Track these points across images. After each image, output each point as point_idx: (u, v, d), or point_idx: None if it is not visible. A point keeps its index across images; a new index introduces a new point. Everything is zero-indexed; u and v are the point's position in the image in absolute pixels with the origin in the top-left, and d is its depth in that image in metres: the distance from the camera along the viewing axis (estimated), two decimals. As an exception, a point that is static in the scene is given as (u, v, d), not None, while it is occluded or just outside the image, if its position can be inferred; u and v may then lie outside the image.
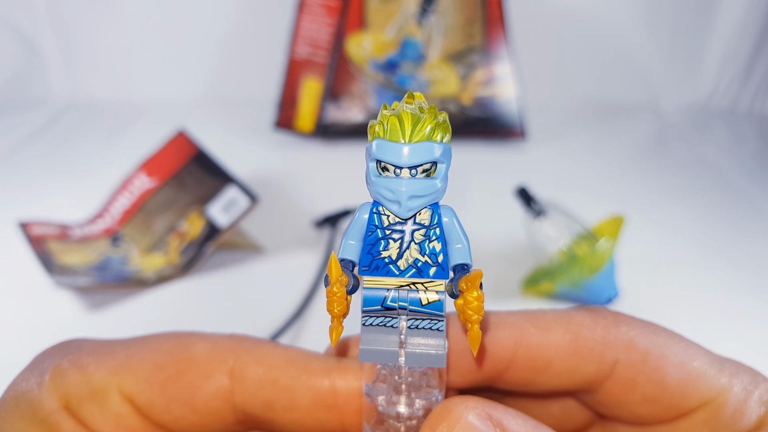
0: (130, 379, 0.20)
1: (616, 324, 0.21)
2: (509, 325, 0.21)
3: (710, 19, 1.04)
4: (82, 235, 0.60)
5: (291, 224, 0.65)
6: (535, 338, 0.21)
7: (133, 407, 0.20)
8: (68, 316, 0.50)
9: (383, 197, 0.17)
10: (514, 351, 0.21)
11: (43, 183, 0.75)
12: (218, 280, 0.56)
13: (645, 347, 0.20)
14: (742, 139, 0.97)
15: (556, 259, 0.53)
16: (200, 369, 0.21)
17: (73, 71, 1.02)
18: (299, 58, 0.86)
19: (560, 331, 0.21)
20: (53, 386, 0.20)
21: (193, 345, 0.21)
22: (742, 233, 0.67)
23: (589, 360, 0.20)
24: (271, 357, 0.21)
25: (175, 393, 0.20)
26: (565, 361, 0.21)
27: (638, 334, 0.21)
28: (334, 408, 0.21)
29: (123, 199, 0.63)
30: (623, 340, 0.21)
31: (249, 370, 0.21)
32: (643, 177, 0.82)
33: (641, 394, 0.20)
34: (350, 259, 0.17)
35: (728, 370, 0.20)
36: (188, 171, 0.61)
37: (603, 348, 0.20)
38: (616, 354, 0.20)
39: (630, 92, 1.08)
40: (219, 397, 0.21)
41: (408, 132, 0.16)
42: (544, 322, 0.21)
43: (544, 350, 0.21)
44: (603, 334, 0.21)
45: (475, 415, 0.18)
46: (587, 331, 0.21)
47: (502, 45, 0.87)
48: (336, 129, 0.86)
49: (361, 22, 0.85)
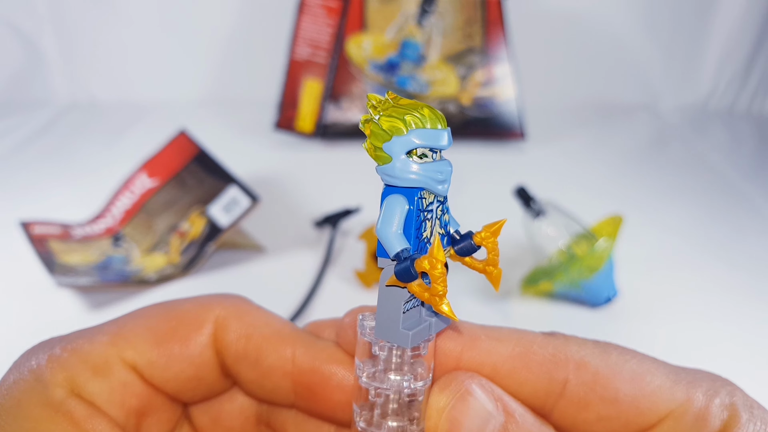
0: (128, 346, 0.21)
1: (567, 344, 0.21)
2: (460, 330, 0.21)
3: (709, 20, 1.04)
4: (83, 235, 0.60)
5: (291, 224, 0.65)
6: (484, 344, 0.21)
7: (137, 373, 0.21)
8: (69, 315, 0.50)
9: (433, 179, 0.18)
10: (461, 353, 0.21)
11: (44, 183, 0.75)
12: (219, 280, 0.56)
13: (595, 366, 0.20)
14: (740, 139, 0.97)
15: (555, 258, 0.53)
16: (190, 322, 0.22)
17: (74, 72, 1.03)
18: (300, 58, 0.86)
19: (511, 344, 0.21)
20: (54, 375, 0.20)
21: (181, 305, 0.23)
22: (740, 233, 0.67)
23: (538, 376, 0.20)
24: (251, 315, 0.23)
25: (172, 348, 0.21)
26: (514, 373, 0.21)
27: (588, 354, 0.21)
28: (290, 376, 0.22)
29: (124, 199, 0.63)
30: (574, 358, 0.21)
31: (230, 321, 0.22)
32: (642, 177, 0.82)
33: (595, 413, 0.20)
34: (408, 247, 0.18)
35: (685, 380, 0.20)
36: (189, 171, 0.62)
37: (552, 365, 0.20)
38: (566, 373, 0.20)
39: (629, 93, 1.09)
40: (209, 345, 0.22)
41: (443, 120, 0.18)
42: (497, 333, 0.21)
43: (491, 357, 0.21)
44: (553, 352, 0.21)
45: (478, 385, 0.18)
46: (537, 347, 0.21)
47: (502, 46, 0.87)
48: (336, 129, 0.86)
49: (361, 23, 0.85)
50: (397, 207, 0.18)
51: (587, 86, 1.08)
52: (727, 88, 1.08)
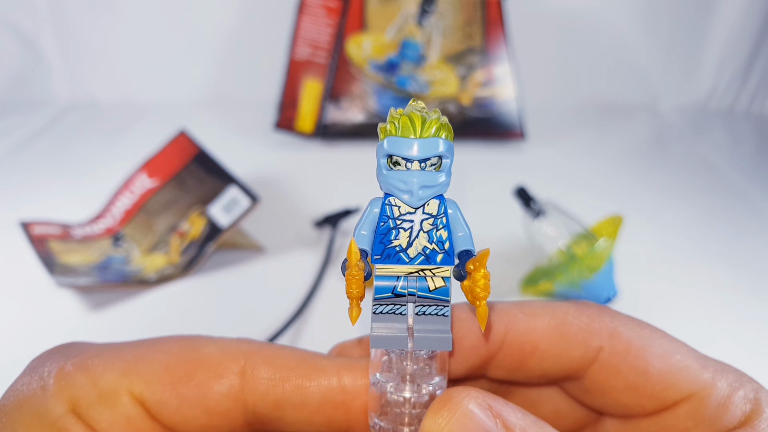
0: (140, 381, 0.20)
1: (601, 314, 0.22)
2: (499, 311, 0.22)
3: (709, 19, 1.04)
4: (83, 235, 0.60)
5: (291, 224, 0.65)
6: (523, 323, 0.22)
7: (144, 409, 0.20)
8: (70, 315, 0.51)
9: (396, 188, 0.18)
10: (504, 335, 0.22)
11: (44, 183, 0.75)
12: (219, 280, 0.56)
13: (628, 337, 0.21)
14: (740, 139, 0.97)
15: (555, 258, 0.53)
16: (211, 369, 0.21)
17: (74, 72, 1.03)
18: (299, 58, 0.86)
19: (546, 317, 0.22)
20: (59, 390, 0.19)
21: (203, 347, 0.21)
22: (740, 233, 0.67)
23: (575, 345, 0.21)
24: (281, 357, 0.21)
25: (187, 393, 0.20)
26: (552, 345, 0.21)
27: (622, 325, 0.22)
28: (342, 405, 0.21)
29: (124, 199, 0.63)
30: (608, 328, 0.21)
31: (260, 369, 0.21)
32: (642, 177, 0.82)
33: (624, 381, 0.21)
34: (363, 249, 0.18)
35: (712, 367, 0.21)
36: (189, 171, 0.62)
37: (587, 334, 0.21)
38: (600, 341, 0.21)
39: (629, 93, 1.09)
40: (230, 397, 0.21)
41: (418, 129, 0.18)
42: (531, 308, 0.22)
43: (531, 334, 0.22)
44: (588, 322, 0.22)
45: (475, 403, 0.18)
46: (572, 318, 0.22)
47: (502, 46, 0.87)
48: (336, 129, 0.86)
49: (361, 23, 0.85)
50: (367, 208, 0.19)
51: (587, 86, 1.08)
52: (727, 88, 1.08)
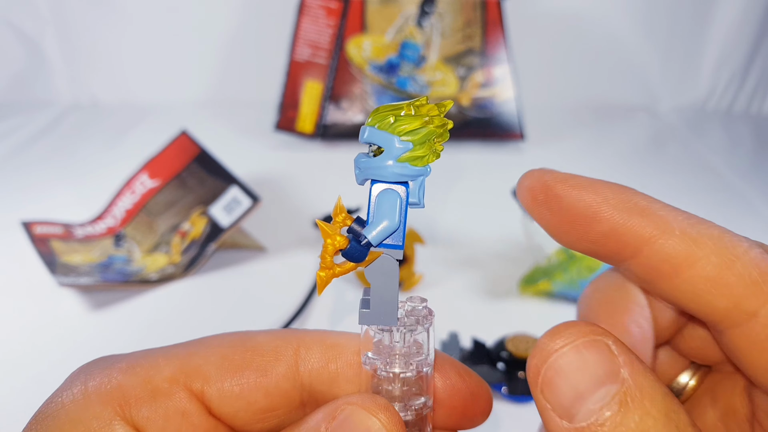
0: (198, 374, 0.20)
1: None
2: (654, 211, 0.18)
3: (707, 21, 1.05)
4: (85, 235, 0.61)
5: (292, 224, 0.66)
6: (675, 243, 0.17)
7: (200, 404, 0.20)
8: (71, 315, 0.51)
9: None
10: (650, 240, 0.18)
11: (46, 183, 0.76)
12: (220, 280, 0.56)
13: None
14: (738, 140, 0.97)
15: (554, 258, 0.54)
16: (268, 353, 0.21)
17: (76, 73, 1.03)
18: (300, 59, 0.86)
19: (707, 250, 0.17)
20: (105, 394, 0.19)
21: (255, 336, 0.22)
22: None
23: (730, 300, 0.17)
24: (331, 337, 0.22)
25: (247, 378, 0.21)
26: (700, 293, 0.17)
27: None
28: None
29: (126, 199, 0.64)
30: None
31: (313, 348, 0.22)
32: (640, 178, 0.82)
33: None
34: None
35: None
36: (190, 171, 0.62)
37: (751, 292, 0.17)
38: (757, 306, 0.17)
39: (627, 94, 1.09)
40: (288, 377, 0.21)
41: (381, 116, 0.19)
42: (694, 229, 0.18)
43: (674, 261, 0.17)
44: (757, 277, 0.17)
45: (613, 341, 0.16)
46: (741, 266, 0.17)
47: (501, 47, 0.88)
48: (336, 130, 0.86)
49: (361, 25, 0.85)
50: None
51: (586, 87, 1.09)
52: (726, 89, 1.09)
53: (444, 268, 0.57)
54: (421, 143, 0.19)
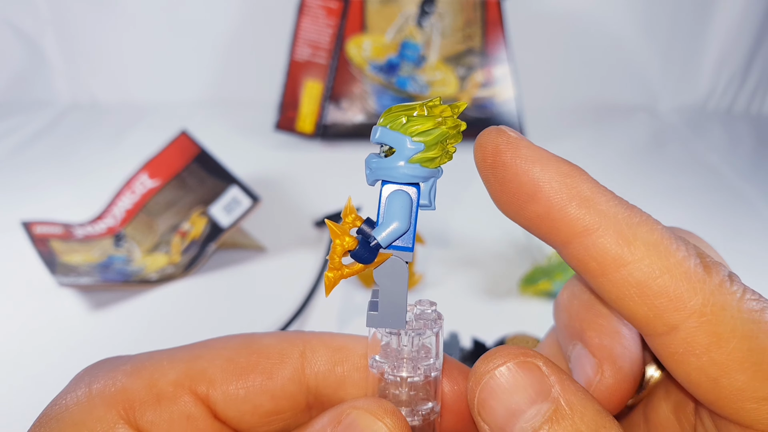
0: (203, 378, 0.20)
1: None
2: (591, 206, 0.17)
3: (707, 21, 1.05)
4: (85, 235, 0.61)
5: (292, 224, 0.66)
6: (605, 241, 0.16)
7: (205, 408, 0.20)
8: (71, 315, 0.51)
9: None
10: (570, 239, 0.17)
11: (46, 183, 0.76)
12: (220, 280, 0.56)
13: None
14: (738, 140, 0.97)
15: (554, 258, 0.54)
16: (273, 356, 0.21)
17: (76, 73, 1.03)
18: (300, 59, 0.86)
19: (639, 256, 0.16)
20: (109, 396, 0.19)
21: (261, 338, 0.22)
22: (738, 232, 0.68)
23: (649, 307, 0.16)
24: (337, 339, 0.22)
25: (253, 382, 0.20)
26: (626, 292, 0.17)
27: None
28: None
29: (126, 199, 0.64)
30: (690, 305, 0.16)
31: (319, 351, 0.21)
32: (641, 177, 0.82)
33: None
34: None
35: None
36: (190, 171, 0.62)
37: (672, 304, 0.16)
38: (678, 321, 0.16)
39: (627, 94, 1.09)
40: (294, 380, 0.21)
41: (393, 116, 0.18)
42: (631, 231, 0.17)
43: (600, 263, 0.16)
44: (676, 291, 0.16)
45: (544, 362, 0.16)
46: (671, 278, 0.16)
47: (501, 47, 0.88)
48: (336, 130, 0.86)
49: (361, 24, 0.85)
50: None
51: (586, 87, 1.09)
52: (726, 88, 1.09)
53: (444, 268, 0.57)
54: (433, 144, 0.18)
